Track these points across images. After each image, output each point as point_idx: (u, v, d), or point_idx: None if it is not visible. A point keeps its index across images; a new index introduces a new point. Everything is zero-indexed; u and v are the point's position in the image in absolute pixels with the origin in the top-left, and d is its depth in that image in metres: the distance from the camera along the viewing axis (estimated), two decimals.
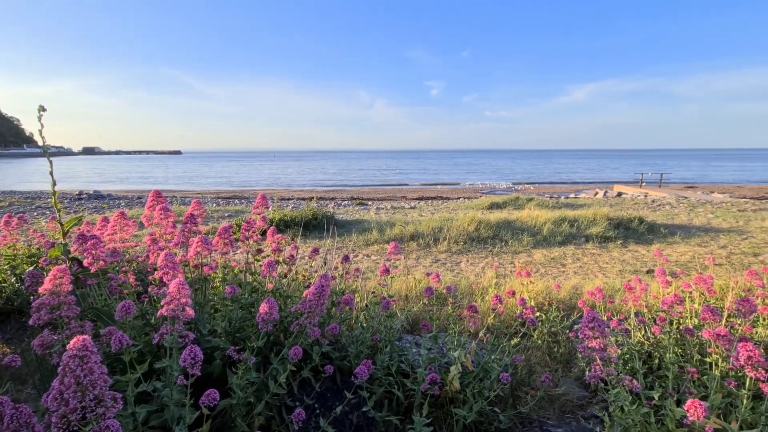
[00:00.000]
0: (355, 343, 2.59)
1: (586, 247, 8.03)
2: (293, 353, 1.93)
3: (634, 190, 24.13)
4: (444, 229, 8.79)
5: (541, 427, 2.54)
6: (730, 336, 1.86)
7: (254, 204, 2.58)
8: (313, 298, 1.97)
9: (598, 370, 1.67)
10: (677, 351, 2.48)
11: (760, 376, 1.50)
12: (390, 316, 2.86)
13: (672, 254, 7.26)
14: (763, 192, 25.20)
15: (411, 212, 13.62)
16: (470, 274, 6.33)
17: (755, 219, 10.60)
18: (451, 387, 2.43)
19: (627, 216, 9.62)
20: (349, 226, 10.75)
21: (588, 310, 2.84)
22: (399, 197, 26.15)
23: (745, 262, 6.69)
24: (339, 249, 8.42)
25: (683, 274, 3.66)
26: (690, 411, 1.38)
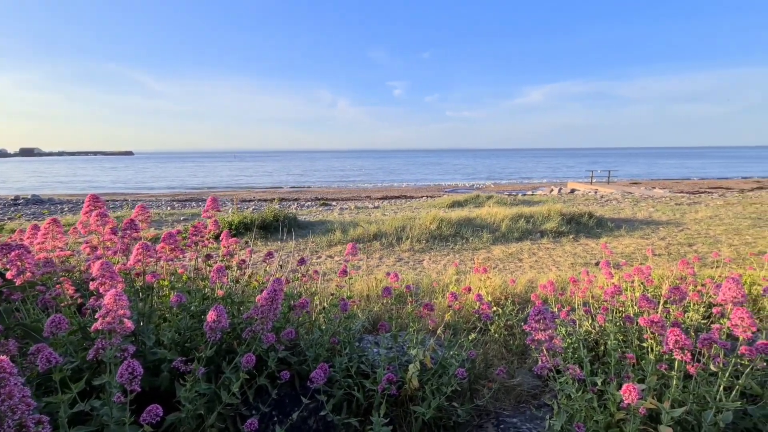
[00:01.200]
0: (313, 347, 2.55)
1: (541, 242, 8.40)
2: (246, 361, 1.88)
3: (586, 186, 25.56)
4: (407, 228, 8.89)
5: (498, 418, 2.62)
6: (662, 322, 2.00)
7: (204, 207, 2.48)
8: (266, 303, 1.92)
9: (545, 361, 1.75)
10: (619, 338, 2.64)
11: (686, 358, 1.63)
12: (349, 318, 2.84)
13: (618, 246, 7.76)
14: (698, 187, 27.53)
15: (374, 212, 13.65)
16: (432, 272, 6.44)
17: (690, 212, 11.55)
18: (411, 385, 2.45)
19: (578, 211, 10.17)
20: (312, 227, 10.61)
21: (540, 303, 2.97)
22: (363, 197, 26.12)
23: (681, 252, 7.27)
24: (301, 251, 8.29)
25: (626, 265, 3.91)
26: (625, 395, 1.47)
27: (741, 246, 7.55)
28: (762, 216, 10.83)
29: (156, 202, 22.89)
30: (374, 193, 29.77)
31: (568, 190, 25.49)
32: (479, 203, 13.47)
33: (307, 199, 25.33)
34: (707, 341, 1.80)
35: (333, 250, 8.27)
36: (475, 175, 54.10)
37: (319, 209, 15.69)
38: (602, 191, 21.95)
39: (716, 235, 8.59)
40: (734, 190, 23.17)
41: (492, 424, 2.58)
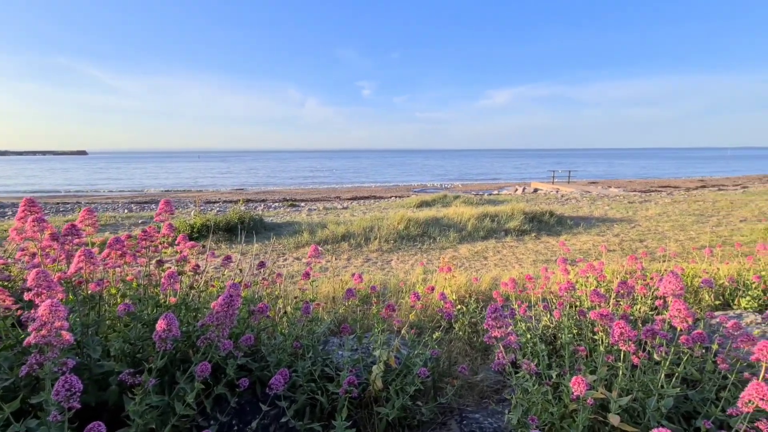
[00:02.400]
0: (275, 352, 2.50)
1: (505, 241, 8.65)
2: (200, 370, 1.81)
3: (548, 186, 26.61)
4: (375, 228, 8.89)
5: (461, 414, 2.66)
6: (611, 315, 2.11)
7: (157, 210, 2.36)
8: (221, 310, 1.86)
9: (501, 358, 1.80)
10: (574, 332, 2.76)
11: (631, 349, 1.72)
12: (312, 321, 2.81)
13: (576, 243, 8.12)
14: (649, 186, 29.31)
15: (343, 212, 13.57)
16: (400, 272, 6.48)
17: (641, 209, 12.28)
18: (375, 386, 2.44)
19: (540, 210, 10.56)
20: (279, 229, 10.40)
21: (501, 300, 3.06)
22: (333, 198, 25.92)
23: (633, 248, 7.71)
24: (268, 253, 8.10)
25: (583, 261, 4.10)
26: (574, 387, 1.53)
27: (686, 241, 8.11)
28: (704, 213, 11.69)
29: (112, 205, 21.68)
30: (344, 194, 29.61)
31: (532, 190, 26.44)
32: (447, 203, 13.71)
33: (275, 200, 24.83)
34: (650, 332, 1.92)
35: (300, 252, 8.14)
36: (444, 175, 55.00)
37: (286, 210, 15.41)
38: (563, 190, 22.93)
39: (664, 231, 9.19)
40: (681, 188, 24.88)
41: (455, 421, 2.62)
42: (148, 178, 55.59)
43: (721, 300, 3.78)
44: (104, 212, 16.27)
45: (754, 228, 8.80)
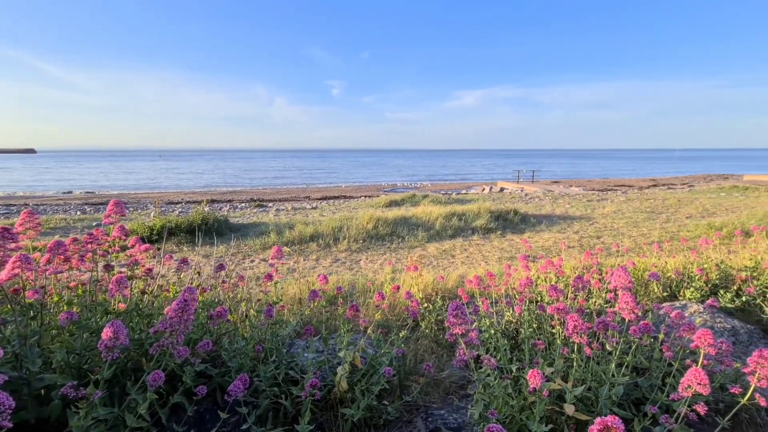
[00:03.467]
0: (237, 357, 2.43)
1: (472, 239, 8.84)
2: (153, 379, 1.72)
3: (513, 185, 27.47)
4: (344, 228, 8.84)
5: (426, 412, 2.69)
6: (567, 309, 2.19)
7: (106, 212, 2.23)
8: (175, 315, 1.78)
9: (462, 354, 1.82)
10: (534, 326, 2.86)
11: (583, 341, 1.80)
12: (276, 323, 2.75)
13: (539, 240, 8.42)
14: (606, 185, 30.89)
15: (312, 212, 13.39)
16: (369, 272, 6.47)
17: (599, 207, 12.91)
18: (340, 388, 2.42)
19: (505, 209, 10.88)
20: (245, 230, 10.12)
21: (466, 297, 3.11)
22: (302, 198, 25.54)
23: (591, 244, 8.09)
24: (233, 255, 7.87)
25: (542, 258, 4.25)
26: (530, 380, 1.58)
27: (638, 237, 8.61)
28: (655, 210, 12.45)
29: (64, 207, 20.32)
30: (313, 194, 29.25)
31: (498, 189, 27.19)
32: (415, 202, 13.83)
33: (242, 200, 24.16)
34: (601, 324, 2.01)
35: (267, 253, 7.96)
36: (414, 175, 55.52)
37: (253, 211, 15.02)
38: (527, 189, 23.74)
39: (619, 227, 9.71)
40: (635, 187, 26.39)
41: (421, 418, 2.64)
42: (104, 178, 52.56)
43: (669, 291, 4.03)
44: (54, 214, 15.22)
45: (699, 224, 9.48)
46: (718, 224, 8.87)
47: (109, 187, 38.17)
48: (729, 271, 4.02)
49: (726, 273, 4.00)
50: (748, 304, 3.45)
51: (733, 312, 3.45)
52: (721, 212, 12.05)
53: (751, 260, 4.23)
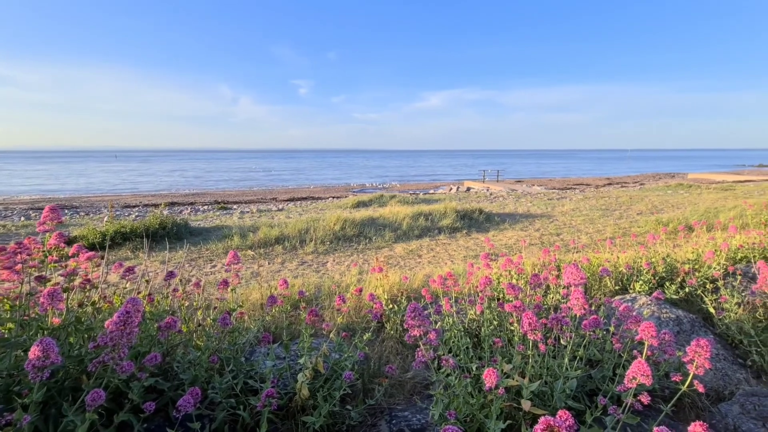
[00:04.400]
0: (192, 368, 2.32)
1: (438, 238, 8.96)
2: (91, 398, 1.60)
3: (479, 185, 28.14)
4: (311, 230, 8.70)
5: (391, 414, 2.67)
6: (523, 306, 2.24)
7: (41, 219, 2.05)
8: (116, 328, 1.66)
9: (421, 356, 1.82)
10: (495, 323, 2.91)
11: (538, 337, 1.84)
12: (233, 331, 2.64)
13: (502, 238, 8.66)
14: (566, 184, 32.29)
15: (278, 214, 13.10)
16: (336, 273, 6.40)
17: (558, 205, 13.47)
18: (301, 395, 2.36)
19: (471, 208, 11.11)
20: (207, 234, 9.74)
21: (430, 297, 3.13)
22: (268, 199, 24.96)
23: (551, 241, 8.41)
24: (194, 260, 7.55)
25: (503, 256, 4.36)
26: (486, 378, 1.60)
27: (594, 233, 9.04)
28: (609, 207, 13.14)
29: (5, 212, 18.77)
30: (280, 195, 28.66)
31: (465, 189, 27.76)
32: (383, 203, 13.86)
33: (205, 203, 23.30)
34: (555, 320, 2.07)
35: None
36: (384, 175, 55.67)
37: (216, 213, 14.50)
38: (493, 189, 24.40)
39: (577, 224, 10.16)
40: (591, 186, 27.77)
41: (385, 421, 2.62)
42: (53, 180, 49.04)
43: (621, 285, 4.24)
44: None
45: (648, 220, 10.09)
46: (665, 220, 9.49)
47: (59, 191, 35.65)
48: (674, 264, 4.28)
49: (671, 266, 4.25)
50: (690, 294, 3.68)
51: (678, 302, 3.67)
52: (668, 209, 12.90)
53: (693, 253, 4.53)
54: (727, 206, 11.68)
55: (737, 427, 2.19)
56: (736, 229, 4.91)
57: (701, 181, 26.60)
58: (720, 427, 2.27)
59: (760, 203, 9.79)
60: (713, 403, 2.47)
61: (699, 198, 15.40)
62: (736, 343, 2.91)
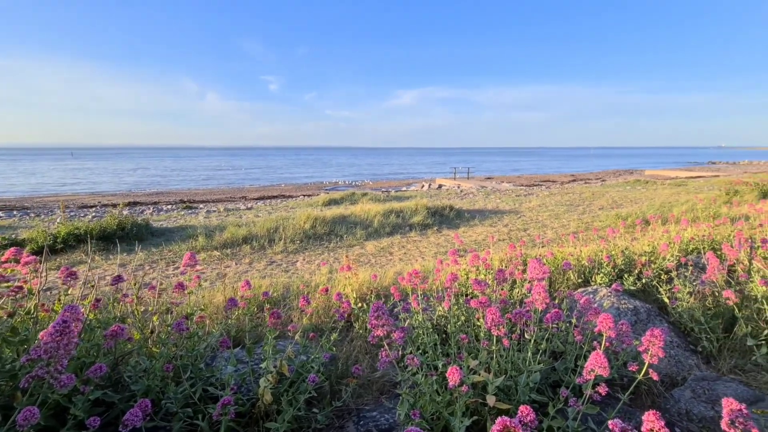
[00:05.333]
0: (145, 378, 2.18)
1: (409, 236, 8.98)
2: (23, 417, 1.46)
3: (450, 182, 28.53)
4: (280, 228, 8.50)
5: (359, 415, 2.62)
6: (488, 302, 2.25)
7: None
8: (52, 339, 1.52)
9: (385, 356, 1.78)
10: (462, 319, 2.92)
11: (501, 333, 1.84)
12: (191, 337, 2.51)
13: (472, 235, 8.79)
14: (533, 181, 33.28)
15: (247, 213, 12.74)
16: (306, 273, 6.28)
17: (526, 202, 13.84)
18: (264, 400, 2.27)
19: (441, 205, 11.21)
20: (170, 234, 9.33)
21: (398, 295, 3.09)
22: (238, 198, 24.27)
23: (519, 236, 8.61)
24: (154, 262, 7.20)
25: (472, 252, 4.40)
26: (450, 376, 1.58)
27: (559, 228, 9.34)
28: (573, 203, 13.63)
29: None
30: (250, 194, 27.94)
31: (437, 186, 28.06)
32: (355, 200, 13.76)
33: (169, 202, 22.37)
34: (518, 315, 2.09)
35: None
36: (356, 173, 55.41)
37: (180, 213, 13.93)
38: (463, 186, 24.79)
39: (543, 220, 10.47)
40: (557, 183, 28.77)
41: (353, 422, 2.57)
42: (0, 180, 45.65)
43: (583, 278, 4.38)
44: None
45: (608, 214, 10.55)
46: (624, 214, 9.93)
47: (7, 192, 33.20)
48: (632, 257, 4.47)
49: (630, 258, 4.43)
50: (647, 285, 3.84)
51: (636, 293, 3.83)
52: (627, 203, 13.53)
53: (649, 246, 4.75)
54: (680, 201, 12.39)
55: (689, 411, 2.29)
56: (688, 222, 5.19)
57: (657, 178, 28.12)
58: (674, 412, 2.37)
59: (709, 198, 10.44)
60: (667, 389, 2.58)
61: (655, 193, 16.26)
62: (688, 330, 3.06)
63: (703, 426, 2.16)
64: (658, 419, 1.26)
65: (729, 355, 2.75)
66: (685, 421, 2.27)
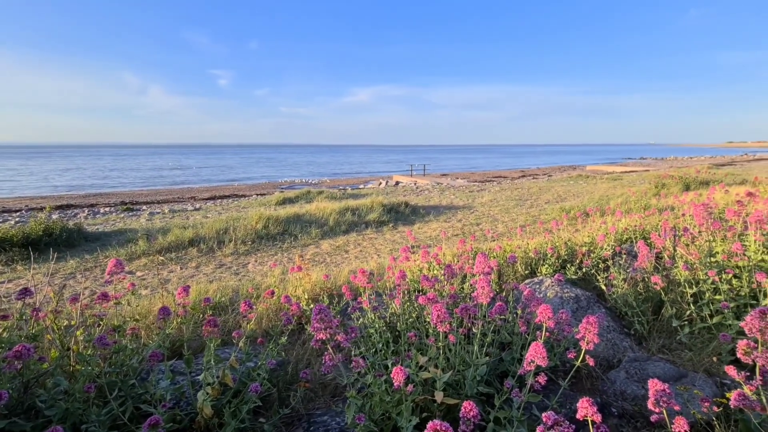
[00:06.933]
0: (65, 400, 1.96)
1: (365, 233, 8.94)
2: None
3: (407, 179, 28.85)
4: (230, 229, 8.12)
5: (309, 421, 2.53)
6: (436, 298, 2.24)
7: None
8: None
9: (329, 360, 1.72)
10: (414, 316, 2.91)
11: (446, 329, 1.84)
12: (118, 352, 2.30)
13: (427, 231, 8.91)
14: (486, 177, 34.49)
15: (195, 214, 12.07)
16: (257, 275, 6.04)
17: (479, 197, 14.29)
18: (204, 414, 2.12)
19: (397, 202, 11.28)
20: (107, 239, 8.62)
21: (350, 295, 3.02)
22: (186, 198, 22.96)
23: (472, 230, 8.85)
24: (87, 270, 6.61)
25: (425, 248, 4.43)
26: (394, 377, 1.54)
27: (509, 222, 9.73)
28: (522, 198, 14.27)
29: None
30: (200, 194, 26.56)
31: (394, 183, 28.26)
32: (310, 199, 13.49)
33: (108, 204, 20.73)
34: (464, 310, 2.10)
35: (135, 265, 6.87)
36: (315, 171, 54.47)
37: (120, 216, 12.93)
38: (420, 182, 25.16)
39: (495, 214, 10.86)
40: (508, 178, 30.01)
41: (303, 429, 2.48)
42: None
43: (530, 269, 4.55)
44: None
45: (554, 208, 11.15)
46: (567, 208, 10.54)
47: None
48: (574, 248, 4.71)
49: (572, 249, 4.67)
50: (587, 274, 4.06)
51: (577, 282, 4.03)
52: (570, 197, 14.39)
53: (589, 237, 5.04)
54: (616, 194, 13.36)
55: (623, 391, 2.42)
56: (622, 214, 5.57)
57: (597, 173, 30.19)
58: (610, 393, 2.50)
59: (641, 191, 11.33)
60: (605, 371, 2.72)
61: (595, 187, 17.43)
62: (623, 314, 3.26)
63: (635, 404, 2.29)
64: (591, 405, 1.30)
65: (658, 335, 2.96)
66: (620, 401, 2.40)
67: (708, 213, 3.26)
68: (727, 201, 6.38)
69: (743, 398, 1.31)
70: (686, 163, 44.44)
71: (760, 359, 1.28)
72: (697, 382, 2.29)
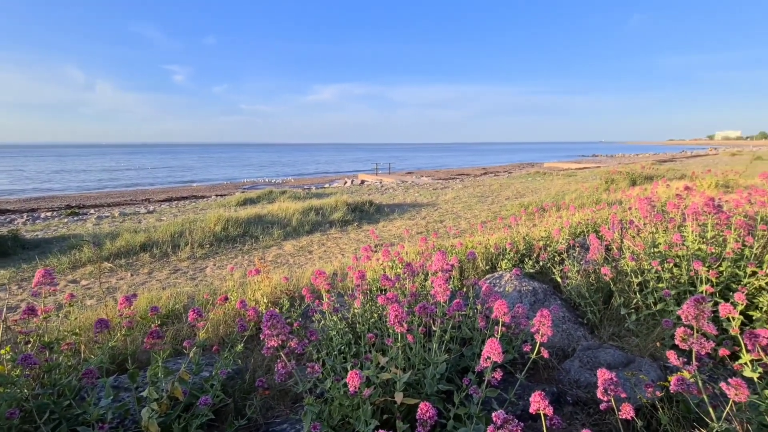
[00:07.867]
0: None
1: (330, 233, 8.81)
2: None
3: (372, 177, 28.85)
4: (186, 232, 7.73)
5: (267, 430, 2.44)
6: (395, 298, 2.21)
7: None
8: None
9: (282, 368, 1.64)
10: (376, 316, 2.88)
11: (403, 329, 1.81)
12: (49, 370, 2.10)
13: (392, 229, 8.92)
14: (450, 175, 35.16)
15: (148, 217, 11.41)
16: (215, 279, 5.78)
17: (442, 194, 14.51)
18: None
19: (362, 200, 11.22)
20: (48, 246, 7.95)
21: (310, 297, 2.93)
22: (140, 201, 21.70)
23: (436, 228, 8.96)
24: (24, 280, 6.06)
25: (387, 246, 4.41)
26: (350, 381, 1.50)
27: (471, 218, 9.94)
28: (484, 194, 14.65)
29: None
30: (156, 195, 25.18)
31: (359, 182, 28.14)
32: (272, 199, 13.14)
33: (51, 208, 19.19)
34: (422, 308, 2.09)
35: (79, 273, 6.38)
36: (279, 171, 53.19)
37: (63, 221, 11.99)
38: (385, 181, 25.22)
39: (458, 211, 11.06)
40: (471, 176, 30.74)
41: None
42: None
43: (491, 264, 4.65)
44: None
45: (513, 204, 11.52)
46: (525, 203, 10.93)
47: None
48: (531, 242, 4.86)
49: (530, 244, 4.82)
50: (543, 267, 4.19)
51: (535, 275, 4.15)
52: (528, 193, 14.93)
53: (545, 231, 5.22)
54: (571, 190, 14.01)
55: (578, 380, 2.51)
56: (576, 209, 5.82)
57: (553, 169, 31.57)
58: (566, 382, 2.58)
59: (593, 186, 11.95)
60: (561, 361, 2.80)
61: (551, 183, 18.20)
62: (577, 305, 3.39)
63: (588, 392, 2.37)
64: (543, 399, 1.31)
65: (608, 323, 3.10)
66: (575, 389, 2.48)
67: (651, 206, 3.45)
68: (669, 195, 6.84)
69: (682, 383, 1.37)
70: (633, 159, 47.46)
71: (695, 345, 1.34)
72: (644, 367, 2.40)
